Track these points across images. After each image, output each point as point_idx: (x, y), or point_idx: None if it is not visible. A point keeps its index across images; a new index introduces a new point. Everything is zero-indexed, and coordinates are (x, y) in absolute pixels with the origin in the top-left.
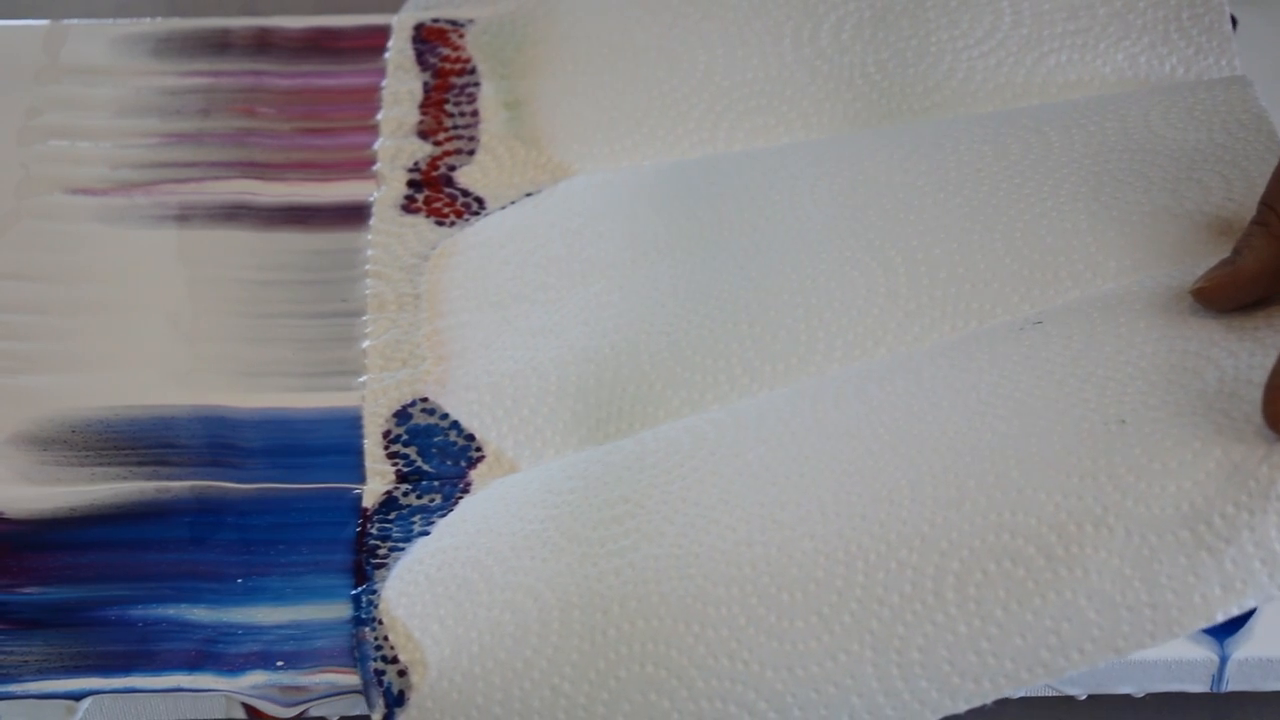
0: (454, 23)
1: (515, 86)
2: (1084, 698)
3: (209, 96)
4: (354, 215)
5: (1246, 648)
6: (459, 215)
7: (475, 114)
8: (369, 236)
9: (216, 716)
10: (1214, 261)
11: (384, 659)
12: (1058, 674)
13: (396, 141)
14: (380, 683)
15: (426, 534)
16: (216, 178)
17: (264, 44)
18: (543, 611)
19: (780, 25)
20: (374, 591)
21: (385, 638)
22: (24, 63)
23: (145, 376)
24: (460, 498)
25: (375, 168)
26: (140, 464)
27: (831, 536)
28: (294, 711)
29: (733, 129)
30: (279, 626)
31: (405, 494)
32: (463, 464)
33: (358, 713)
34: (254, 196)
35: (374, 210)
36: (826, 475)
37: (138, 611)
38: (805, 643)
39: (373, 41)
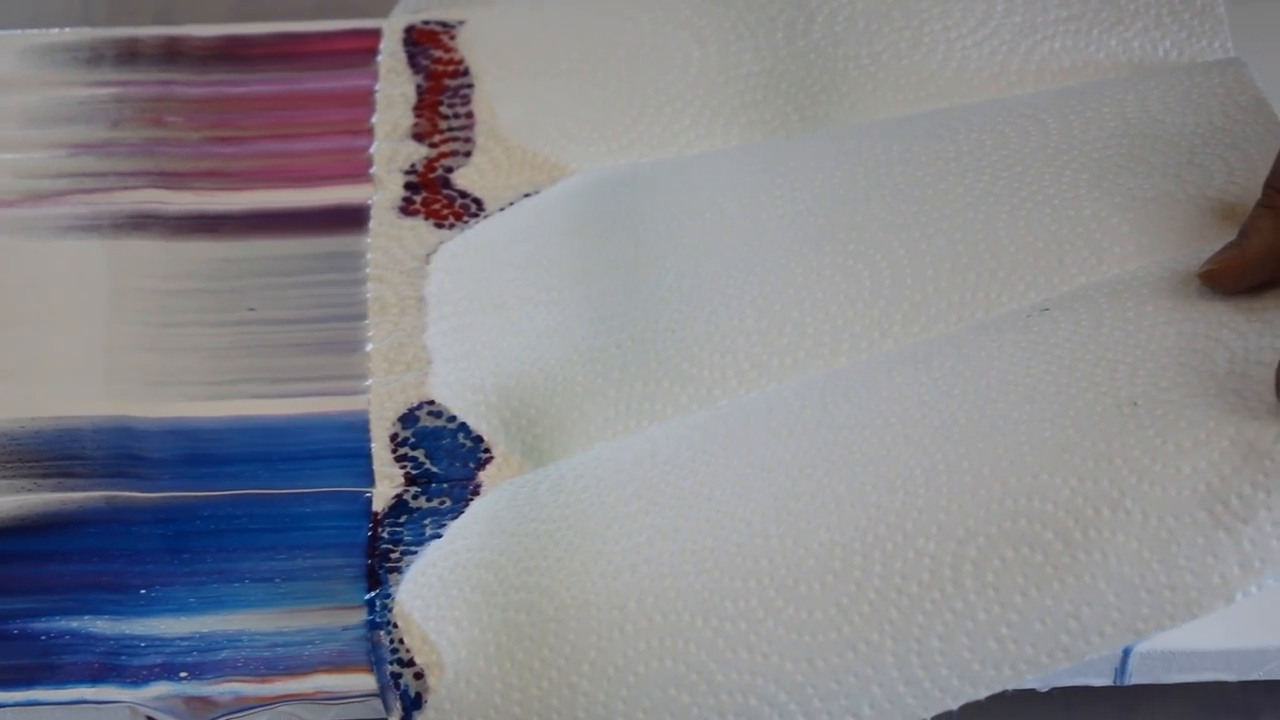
0: (445, 24)
1: (509, 87)
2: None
3: (118, 106)
4: (265, 223)
5: (1148, 641)
6: (458, 217)
7: (470, 115)
8: (368, 240)
9: None
10: (1219, 245)
11: (400, 662)
12: (1078, 658)
13: (392, 144)
14: (397, 686)
15: (438, 537)
16: (125, 187)
17: (173, 53)
18: (559, 610)
19: (774, 19)
20: (388, 595)
21: (401, 641)
22: None
23: (52, 388)
24: (470, 499)
25: (371, 171)
26: (45, 476)
27: (847, 527)
28: None
29: (729, 124)
30: (181, 638)
31: (415, 497)
32: (471, 465)
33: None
34: (163, 205)
35: (372, 213)
36: (839, 466)
37: (40, 624)
38: (824, 634)
39: (283, 49)
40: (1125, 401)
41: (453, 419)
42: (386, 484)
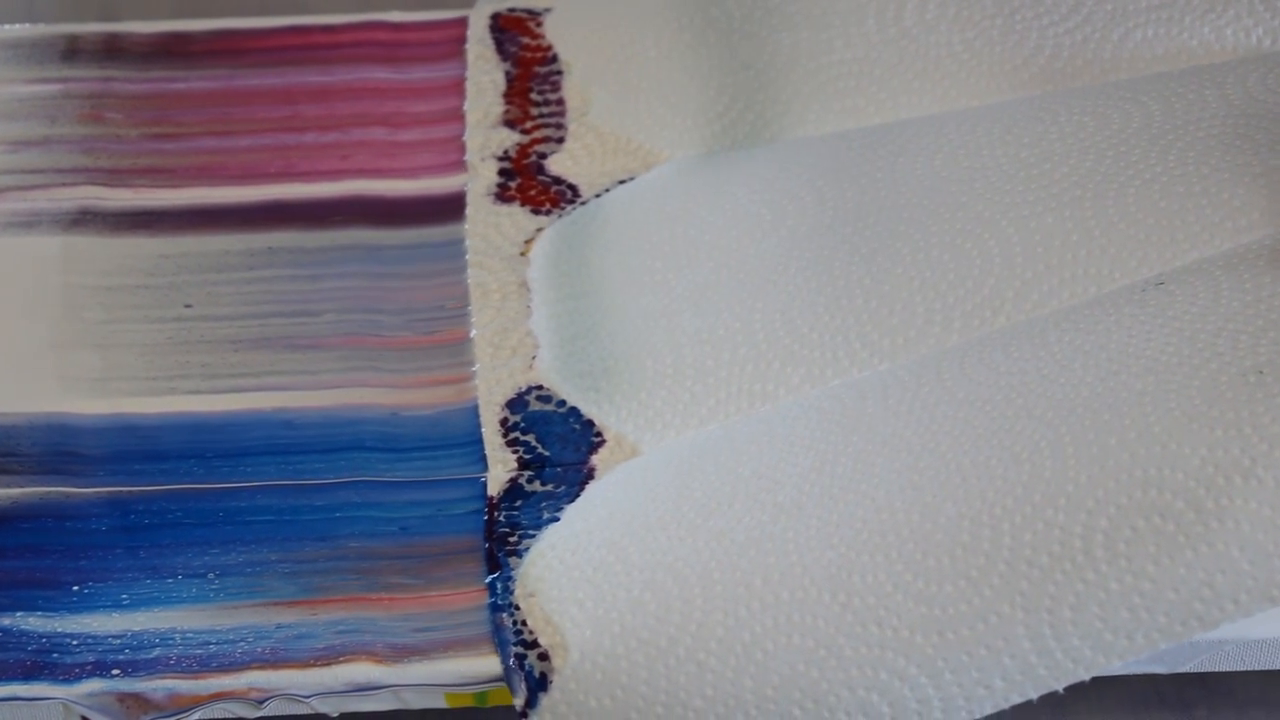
0: (531, 11)
1: (599, 74)
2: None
3: (57, 103)
4: (202, 219)
5: None
6: (554, 203)
7: (561, 102)
8: (466, 227)
9: None
10: None
11: (524, 644)
12: (1211, 626)
13: (484, 132)
14: (522, 667)
15: (556, 520)
16: (64, 184)
17: (113, 49)
18: (684, 589)
19: (864, 6)
20: (509, 578)
21: (524, 623)
22: None
23: None
24: (585, 484)
25: (465, 158)
26: None
27: (974, 499)
28: None
29: (822, 111)
30: (114, 635)
31: (530, 480)
32: (584, 450)
33: (198, 716)
34: (101, 202)
35: (468, 200)
36: (962, 441)
37: None
38: (955, 606)
39: (223, 45)
40: (1250, 370)
41: (562, 404)
42: (500, 468)
